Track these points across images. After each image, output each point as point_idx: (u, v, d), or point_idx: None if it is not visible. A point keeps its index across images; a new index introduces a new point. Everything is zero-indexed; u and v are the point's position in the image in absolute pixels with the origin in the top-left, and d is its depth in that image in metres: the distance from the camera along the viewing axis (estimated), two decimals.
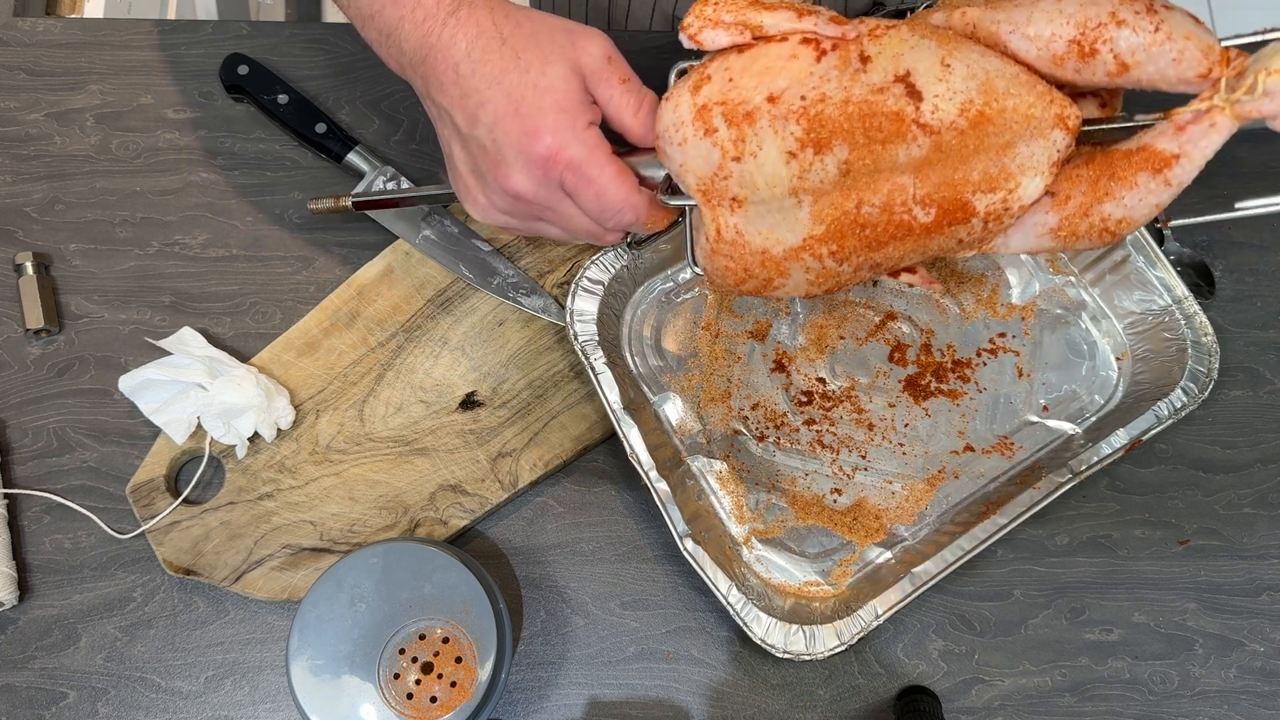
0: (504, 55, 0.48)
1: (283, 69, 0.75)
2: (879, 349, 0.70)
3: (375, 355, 0.68)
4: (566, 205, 0.51)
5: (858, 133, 0.45)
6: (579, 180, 0.49)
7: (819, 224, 0.48)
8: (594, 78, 0.49)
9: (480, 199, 0.53)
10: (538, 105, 0.47)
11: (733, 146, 0.47)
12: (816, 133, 0.45)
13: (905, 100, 0.44)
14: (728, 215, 0.50)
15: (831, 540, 0.66)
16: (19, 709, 0.61)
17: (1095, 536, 0.68)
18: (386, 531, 0.64)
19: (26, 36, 0.75)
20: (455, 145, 0.52)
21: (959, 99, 0.44)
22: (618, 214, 0.50)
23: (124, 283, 0.70)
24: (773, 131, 0.46)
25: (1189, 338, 0.68)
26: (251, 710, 0.62)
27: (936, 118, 0.44)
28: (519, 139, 0.48)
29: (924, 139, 0.45)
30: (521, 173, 0.49)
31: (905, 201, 0.47)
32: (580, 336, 0.64)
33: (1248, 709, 0.65)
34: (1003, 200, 0.46)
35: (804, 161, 0.46)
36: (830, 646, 0.59)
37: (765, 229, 0.50)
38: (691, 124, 0.47)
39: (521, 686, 0.63)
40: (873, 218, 0.48)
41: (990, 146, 0.45)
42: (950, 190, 0.46)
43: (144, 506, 0.64)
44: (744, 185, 0.48)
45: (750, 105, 0.46)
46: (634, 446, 0.61)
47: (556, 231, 0.54)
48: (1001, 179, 0.46)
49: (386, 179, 0.70)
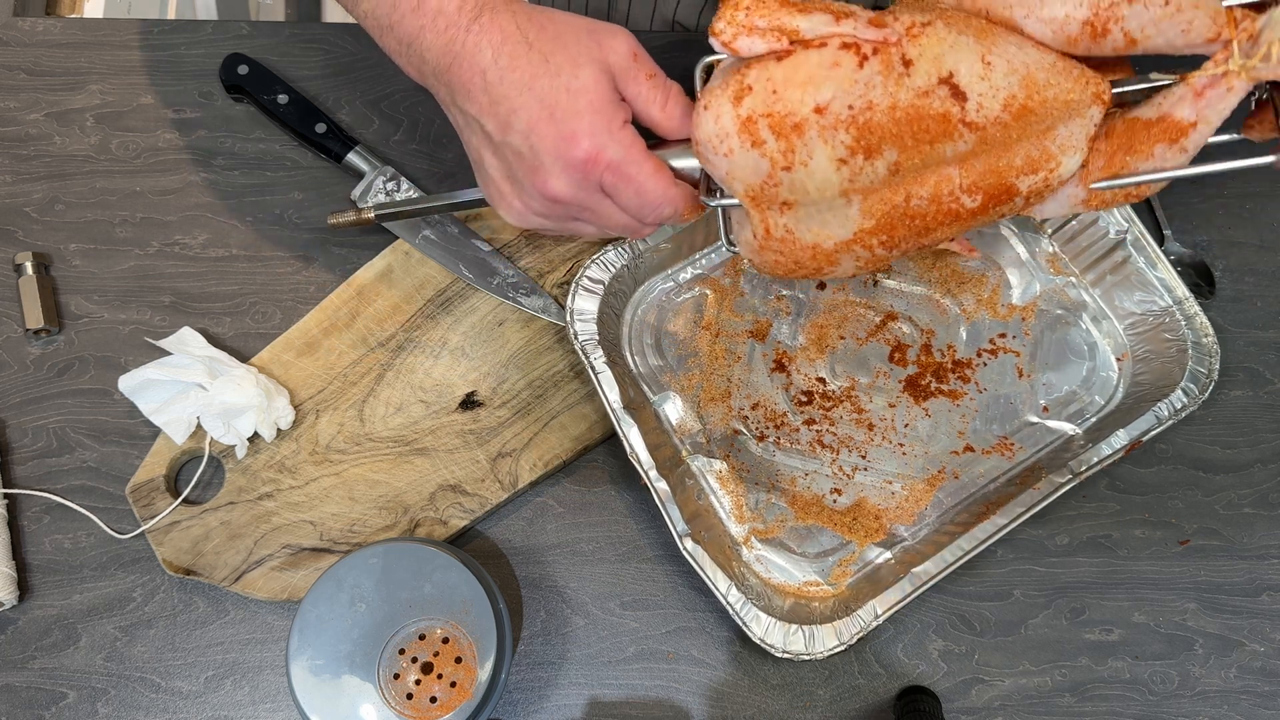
0: (532, 60, 0.47)
1: (283, 69, 0.75)
2: (879, 349, 0.70)
3: (375, 355, 0.68)
4: (605, 205, 0.51)
5: (906, 136, 0.46)
6: (618, 180, 0.49)
7: (869, 218, 0.49)
8: (622, 76, 0.49)
9: (516, 204, 0.53)
10: (572, 109, 0.47)
11: (782, 158, 0.47)
12: (866, 139, 0.46)
13: (951, 102, 0.46)
14: (777, 216, 0.50)
15: (831, 540, 0.66)
16: (19, 709, 0.61)
17: (1095, 536, 0.68)
18: (386, 531, 0.64)
19: (26, 36, 0.75)
20: (486, 152, 0.52)
21: (1002, 95, 0.46)
22: (657, 209, 0.51)
23: (124, 283, 0.70)
24: (823, 142, 0.46)
25: (1189, 338, 0.68)
26: (251, 710, 0.62)
27: (982, 115, 0.46)
28: (556, 144, 0.48)
29: (970, 135, 0.46)
30: (560, 177, 0.49)
31: (952, 191, 0.48)
32: (580, 336, 0.64)
33: (1248, 709, 0.65)
34: (1044, 179, 0.48)
35: (854, 166, 0.47)
36: (830, 646, 0.59)
37: (816, 226, 0.50)
38: (737, 135, 0.47)
39: (521, 686, 0.63)
40: (921, 209, 0.49)
41: (1032, 133, 0.47)
42: (995, 177, 0.48)
43: (144, 506, 0.64)
44: (794, 191, 0.48)
45: (798, 117, 0.46)
46: (634, 446, 0.61)
47: (592, 230, 0.54)
48: (1043, 161, 0.48)
49: (386, 179, 0.70)
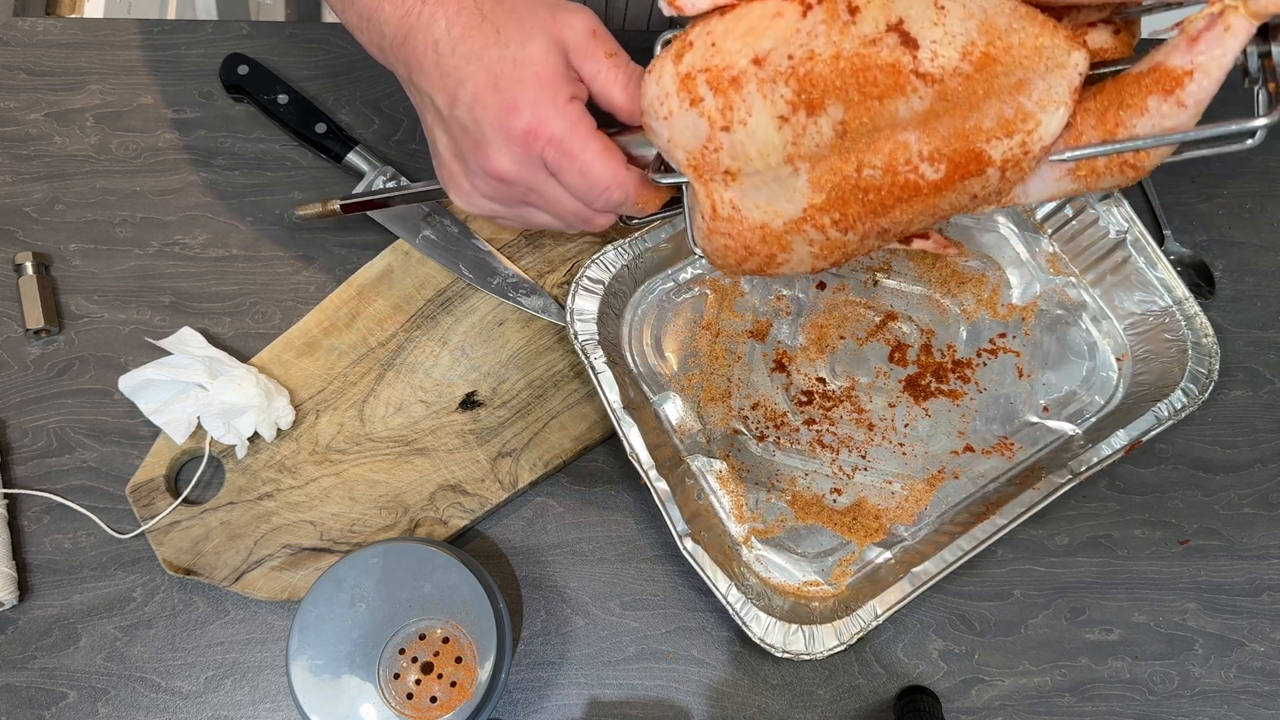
0: (484, 31, 0.46)
1: (283, 69, 0.75)
2: (879, 349, 0.70)
3: (375, 355, 0.68)
4: (551, 186, 0.49)
5: (851, 89, 0.42)
6: (561, 156, 0.47)
7: (818, 192, 0.46)
8: (578, 52, 0.48)
9: (464, 185, 0.51)
10: (516, 79, 0.46)
11: (720, 115, 0.44)
12: (808, 93, 0.42)
13: (900, 50, 0.41)
14: (722, 190, 0.47)
15: (831, 540, 0.66)
16: (19, 709, 0.61)
17: (1095, 536, 0.68)
18: (386, 531, 0.64)
19: (26, 36, 0.75)
20: (438, 130, 0.50)
21: (959, 42, 0.41)
22: (605, 192, 0.48)
23: (124, 283, 0.70)
24: (761, 95, 0.43)
25: (1189, 339, 0.68)
26: (251, 710, 0.62)
27: (937, 65, 0.41)
28: (498, 115, 0.46)
29: (925, 89, 0.42)
30: (502, 151, 0.47)
31: (909, 160, 0.44)
32: (580, 336, 0.64)
33: (1248, 709, 0.65)
34: (1021, 144, 0.43)
35: (797, 125, 0.43)
36: (829, 646, 0.59)
37: (762, 201, 0.47)
38: (676, 95, 0.44)
39: (521, 686, 0.63)
40: (875, 180, 0.45)
41: (1001, 88, 0.42)
42: (961, 142, 0.43)
43: (144, 506, 0.64)
44: (736, 156, 0.45)
45: (736, 69, 0.43)
46: (634, 446, 0.61)
47: (546, 218, 0.52)
48: (1018, 120, 0.43)
49: (386, 179, 0.70)
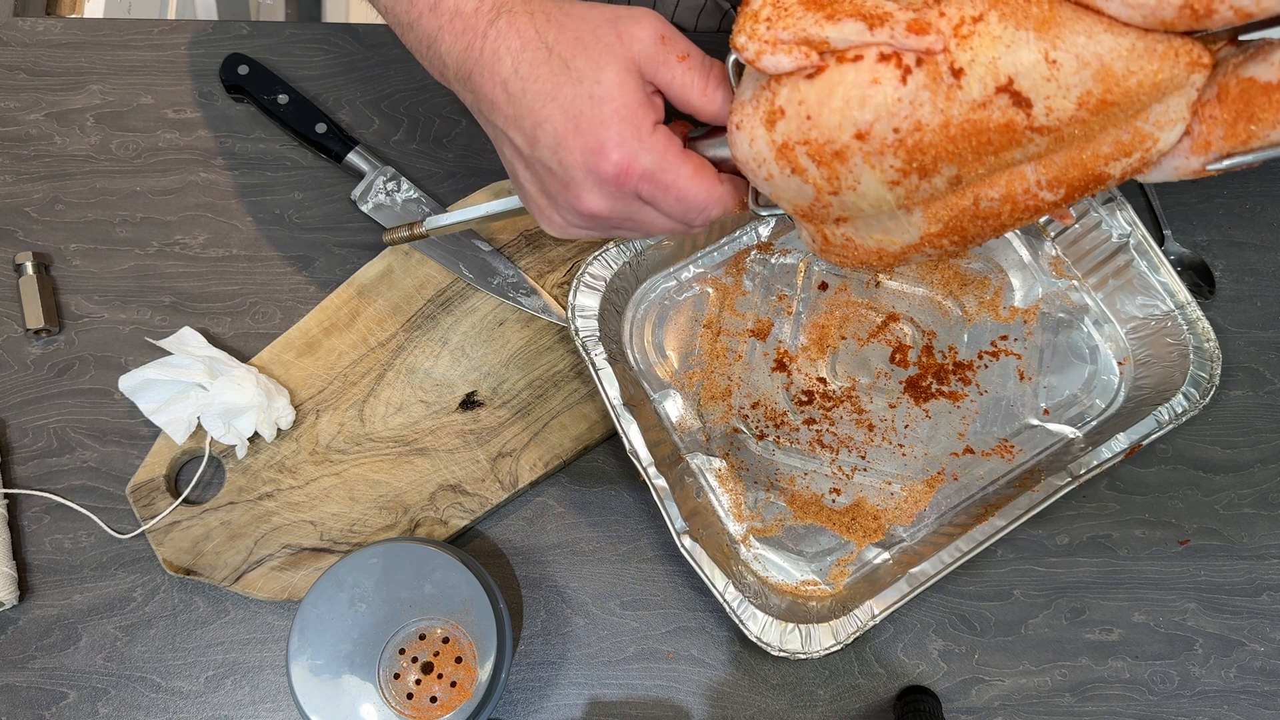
0: (553, 67, 0.45)
1: (283, 69, 0.75)
2: (880, 350, 0.70)
3: (375, 355, 0.68)
4: (647, 213, 0.48)
5: (966, 153, 0.41)
6: (656, 189, 0.46)
7: (934, 224, 0.45)
8: (650, 64, 0.45)
9: (556, 219, 0.50)
10: (598, 119, 0.44)
11: (828, 184, 0.43)
12: (918, 160, 0.41)
13: (1014, 110, 0.40)
14: (833, 228, 0.47)
15: (830, 540, 0.66)
16: (19, 709, 0.61)
17: (1095, 536, 0.68)
18: (386, 531, 0.64)
19: (26, 36, 0.75)
20: (519, 166, 0.49)
21: (1075, 94, 0.39)
22: (703, 211, 0.48)
23: (124, 283, 0.70)
24: (869, 167, 0.42)
25: (1191, 343, 0.68)
26: (251, 710, 0.62)
27: (1053, 119, 0.40)
28: (584, 158, 0.45)
29: (1041, 139, 0.41)
30: (593, 193, 0.46)
31: (1028, 189, 0.43)
32: (581, 332, 0.64)
33: (1248, 709, 0.65)
34: (1140, 159, 0.42)
35: (909, 186, 0.43)
36: (826, 645, 0.59)
37: (877, 234, 0.46)
38: (775, 162, 0.43)
39: (521, 686, 0.63)
40: (994, 209, 0.44)
41: (1119, 120, 0.40)
42: (1079, 170, 0.42)
43: (144, 506, 0.64)
44: (846, 209, 0.45)
45: (838, 145, 0.41)
46: (633, 442, 0.61)
47: (638, 235, 0.52)
48: (1136, 143, 0.41)
49: (386, 179, 0.70)
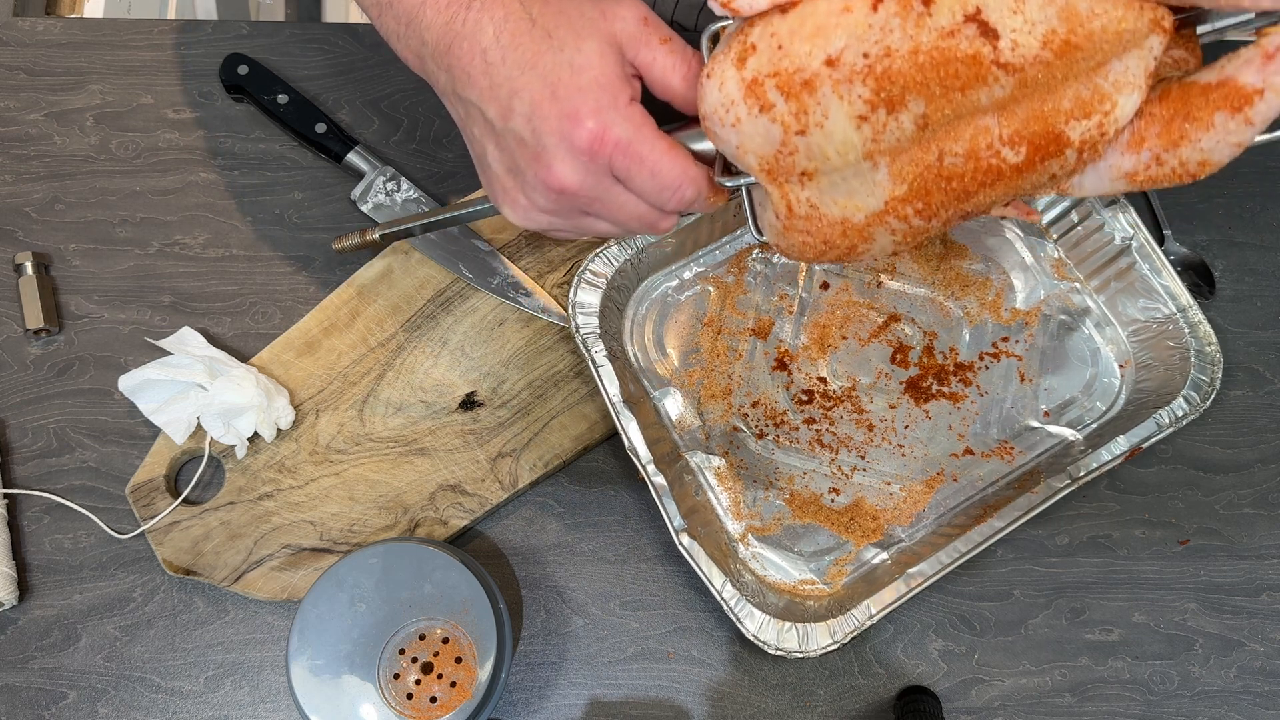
0: (535, 37, 0.44)
1: (283, 69, 0.75)
2: (881, 350, 0.70)
3: (375, 355, 0.68)
4: (617, 193, 0.47)
5: (933, 84, 0.41)
6: (630, 161, 0.45)
7: (900, 183, 0.44)
8: (632, 43, 0.45)
9: (521, 200, 0.48)
10: (575, 85, 0.44)
11: (794, 120, 0.42)
12: (887, 90, 0.41)
13: (980, 41, 0.40)
14: (798, 190, 0.46)
15: (828, 539, 0.66)
16: (19, 709, 0.61)
17: (1095, 536, 0.68)
18: (386, 531, 0.64)
19: (26, 36, 0.75)
20: (489, 143, 0.48)
21: (1040, 30, 0.40)
22: (677, 191, 0.46)
23: (124, 283, 0.70)
24: (837, 97, 0.41)
25: (1192, 346, 0.68)
26: (251, 710, 0.62)
27: (1018, 55, 0.40)
28: (559, 124, 0.44)
29: (1006, 78, 0.41)
30: (565, 162, 0.45)
31: (991, 144, 0.43)
32: (582, 329, 0.64)
33: (1248, 709, 0.65)
34: (1098, 125, 0.42)
35: (876, 123, 0.42)
36: (823, 644, 0.59)
37: (841, 197, 0.45)
38: (743, 102, 0.43)
39: (521, 686, 0.63)
40: (958, 168, 0.44)
41: (1080, 71, 0.41)
42: (1040, 124, 0.42)
43: (144, 506, 0.64)
44: (812, 158, 0.44)
45: (808, 72, 0.41)
46: (632, 440, 0.61)
47: (605, 226, 0.50)
48: (1095, 101, 0.42)
49: (386, 179, 0.70)
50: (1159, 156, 0.43)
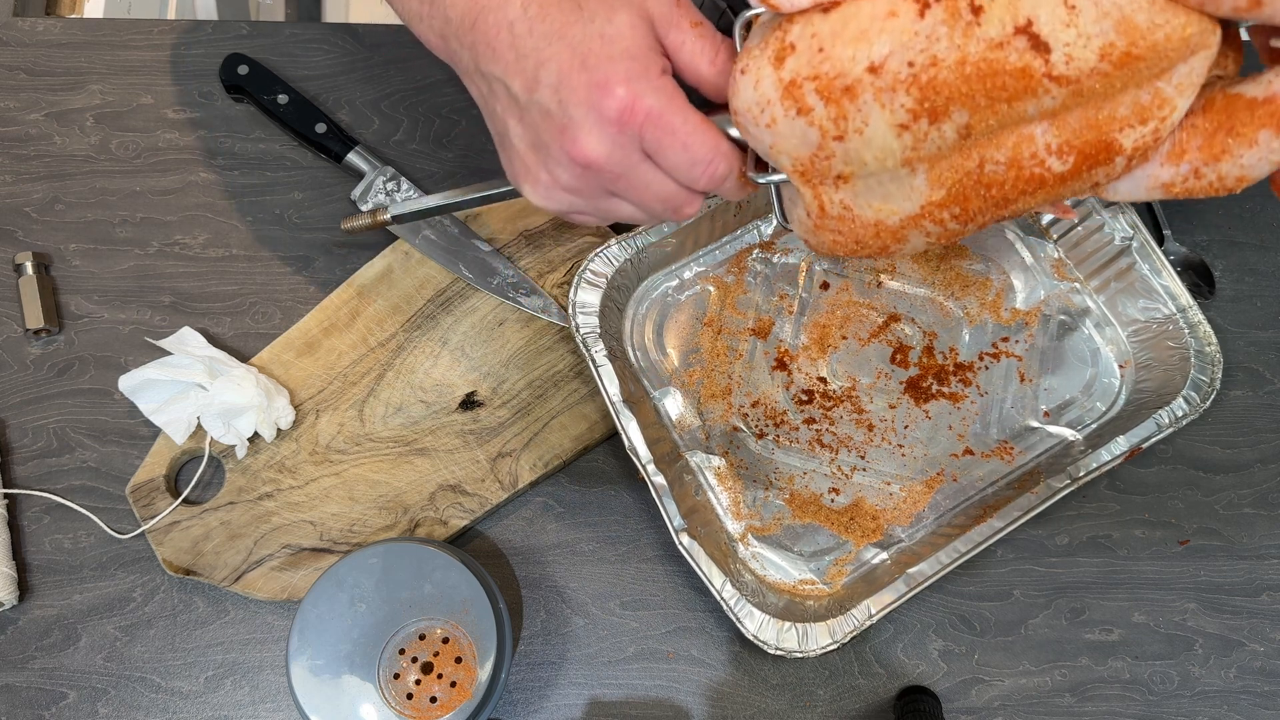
0: (564, 9, 0.43)
1: (283, 69, 0.75)
2: (881, 350, 0.70)
3: (375, 355, 0.68)
4: (645, 170, 0.45)
5: (979, 95, 0.39)
6: (661, 132, 0.43)
7: (938, 189, 0.43)
8: (663, 22, 0.44)
9: (543, 177, 0.46)
10: (606, 55, 0.42)
11: (833, 126, 0.41)
12: (930, 101, 0.40)
13: (1031, 54, 0.38)
14: (831, 192, 0.45)
15: (828, 539, 0.66)
16: (19, 709, 0.61)
17: (1095, 536, 0.68)
18: (386, 531, 0.64)
19: (26, 36, 0.75)
20: (511, 119, 0.46)
21: (1096, 44, 0.38)
22: (710, 165, 0.44)
23: (124, 283, 0.70)
24: (879, 105, 0.40)
25: (1192, 347, 0.68)
26: (251, 710, 0.62)
27: (1072, 68, 0.39)
28: (588, 94, 0.42)
29: (1059, 90, 0.39)
30: (593, 133, 0.43)
31: (1036, 154, 0.42)
32: (582, 328, 0.64)
33: (1248, 709, 0.65)
34: (1154, 131, 0.41)
35: (918, 132, 0.41)
36: (823, 644, 0.59)
37: (877, 201, 0.44)
38: (780, 103, 0.41)
39: (521, 686, 0.63)
40: (998, 175, 0.42)
41: (1144, 78, 0.39)
42: (1093, 132, 0.41)
43: (144, 506, 0.64)
44: (849, 162, 0.43)
45: (849, 78, 0.40)
46: (632, 439, 0.61)
47: (629, 209, 0.48)
48: (1155, 107, 0.40)
49: (386, 179, 0.70)
50: (1198, 170, 0.42)
